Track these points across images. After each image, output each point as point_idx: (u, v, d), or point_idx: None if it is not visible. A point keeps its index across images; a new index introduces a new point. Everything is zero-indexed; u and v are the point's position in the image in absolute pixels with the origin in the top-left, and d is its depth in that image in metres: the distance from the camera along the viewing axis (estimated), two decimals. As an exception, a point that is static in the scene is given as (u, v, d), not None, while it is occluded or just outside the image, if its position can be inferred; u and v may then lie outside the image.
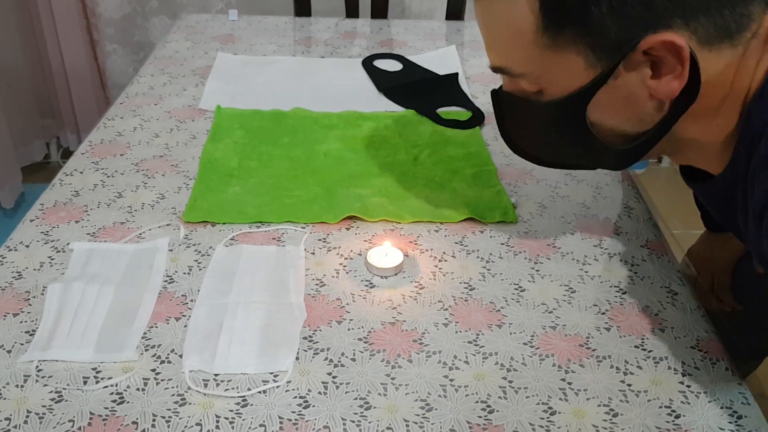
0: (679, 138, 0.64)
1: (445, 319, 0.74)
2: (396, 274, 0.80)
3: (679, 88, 0.59)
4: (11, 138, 2.12)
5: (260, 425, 0.61)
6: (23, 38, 2.20)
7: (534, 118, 0.69)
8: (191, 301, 0.75)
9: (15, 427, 0.60)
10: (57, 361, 0.66)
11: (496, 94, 0.73)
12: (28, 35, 2.21)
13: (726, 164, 0.63)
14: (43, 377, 0.65)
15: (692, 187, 0.73)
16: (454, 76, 1.29)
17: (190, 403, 0.63)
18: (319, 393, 0.64)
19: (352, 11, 1.70)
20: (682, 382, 0.67)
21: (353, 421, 0.62)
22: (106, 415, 0.61)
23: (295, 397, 0.64)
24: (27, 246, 0.82)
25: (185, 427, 0.61)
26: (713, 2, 0.56)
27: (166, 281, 0.77)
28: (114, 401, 0.63)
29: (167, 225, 0.86)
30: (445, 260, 0.83)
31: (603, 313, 0.75)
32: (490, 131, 1.10)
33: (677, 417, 0.63)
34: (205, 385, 0.65)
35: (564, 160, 0.76)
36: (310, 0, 1.70)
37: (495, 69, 0.68)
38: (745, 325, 1.00)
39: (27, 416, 0.61)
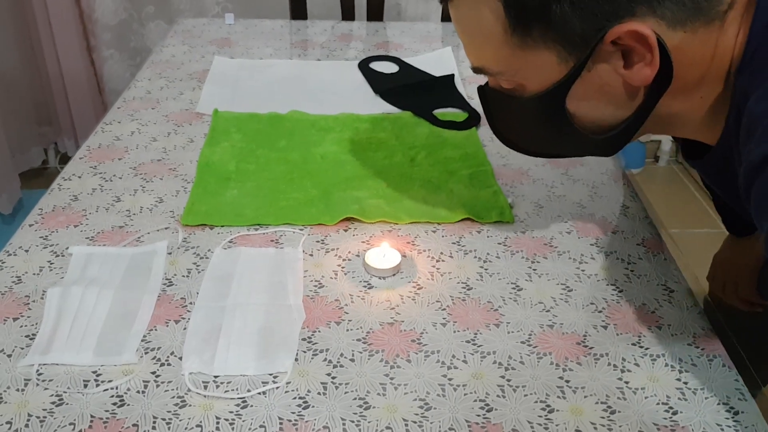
0: (665, 115, 0.65)
1: (443, 318, 0.74)
2: (394, 275, 0.80)
3: (652, 74, 0.60)
4: (9, 144, 2.13)
5: (260, 426, 0.61)
6: (20, 44, 2.20)
7: (518, 113, 0.70)
8: (190, 303, 0.75)
9: (16, 430, 0.60)
10: (57, 364, 0.67)
11: (482, 90, 0.75)
12: (25, 41, 2.21)
13: (719, 135, 0.64)
14: (43, 381, 0.65)
15: (692, 165, 0.74)
16: (450, 78, 1.29)
17: (190, 405, 0.63)
18: (319, 393, 0.65)
19: (347, 14, 1.70)
20: (679, 379, 0.67)
21: (353, 422, 0.62)
22: (107, 418, 0.62)
23: (295, 398, 0.64)
24: (26, 251, 0.82)
25: (186, 428, 0.61)
26: None
27: (165, 284, 0.78)
28: (114, 404, 0.63)
29: (166, 228, 0.87)
30: (443, 260, 0.83)
31: (600, 312, 0.76)
32: (487, 132, 1.11)
33: (675, 414, 0.64)
34: (205, 387, 0.65)
35: (555, 151, 0.78)
36: (306, 3, 1.70)
37: (475, 69, 0.70)
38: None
39: (28, 420, 0.61)
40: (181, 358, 0.68)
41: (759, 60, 0.58)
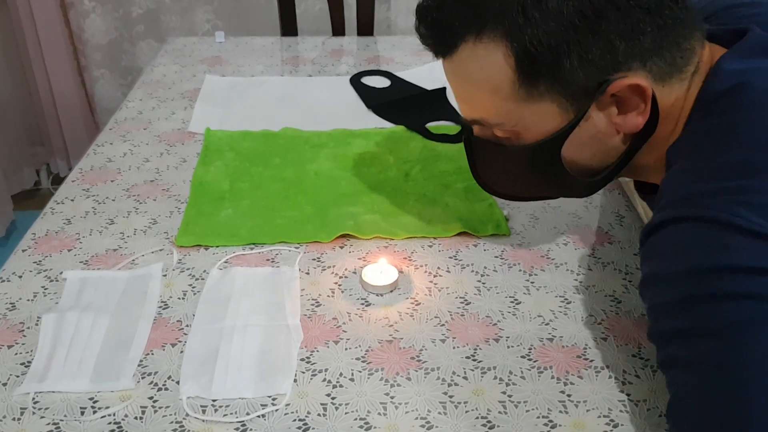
0: (635, 165, 0.70)
1: (442, 334, 0.74)
2: (391, 291, 0.80)
3: (643, 122, 0.64)
4: (1, 166, 2.12)
5: (260, 450, 0.61)
6: (10, 65, 2.20)
7: (507, 161, 0.73)
8: (187, 326, 0.74)
9: (12, 461, 0.59)
10: (53, 392, 0.66)
11: (468, 141, 0.77)
12: (15, 62, 2.21)
13: None
14: (39, 409, 0.64)
15: (645, 200, 0.80)
16: (442, 91, 1.29)
17: (188, 430, 0.62)
18: (319, 415, 0.64)
19: (338, 29, 1.71)
20: (680, 390, 0.67)
21: (354, 442, 0.61)
22: (105, 446, 0.61)
23: (295, 420, 0.64)
24: (20, 276, 0.81)
25: (185, 454, 0.60)
26: (664, 42, 0.62)
27: (160, 307, 0.77)
28: (112, 431, 0.62)
29: (160, 250, 0.86)
30: (440, 275, 0.83)
31: (599, 323, 0.75)
32: (480, 144, 1.10)
33: (677, 425, 0.63)
34: (204, 411, 0.64)
35: (536, 194, 0.81)
36: (296, 19, 1.70)
37: (470, 122, 0.72)
38: None
39: (24, 450, 0.60)
40: (178, 383, 0.67)
41: (686, 135, 0.63)
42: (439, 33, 0.67)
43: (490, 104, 0.67)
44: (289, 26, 1.70)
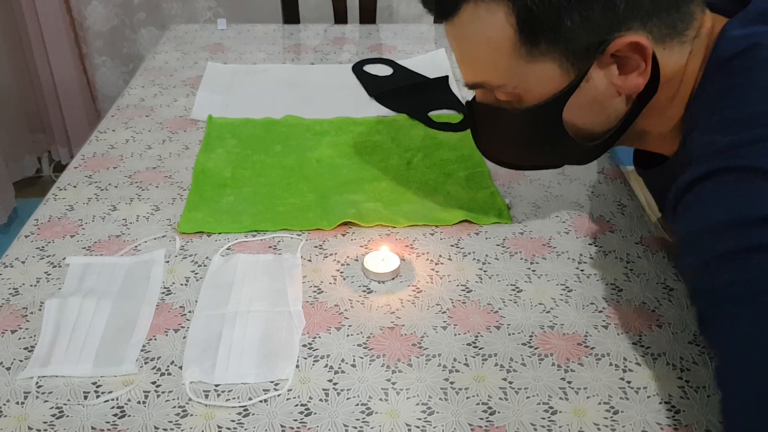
0: (637, 130, 0.70)
1: (444, 322, 0.74)
2: (393, 279, 0.80)
3: (644, 83, 0.65)
4: (2, 154, 2.12)
5: (262, 434, 0.61)
6: (11, 52, 2.19)
7: (510, 126, 0.73)
8: (189, 312, 0.75)
9: (16, 444, 0.60)
10: (57, 376, 0.66)
11: (470, 105, 0.77)
12: (17, 49, 2.21)
13: (674, 151, 0.69)
14: (43, 393, 0.65)
15: (641, 174, 0.80)
16: (445, 79, 1.29)
17: (191, 415, 0.63)
18: (321, 400, 0.64)
19: (340, 17, 1.70)
20: (680, 378, 0.67)
21: (355, 428, 0.62)
22: (108, 429, 0.61)
23: (297, 405, 0.64)
24: (23, 262, 0.82)
25: (187, 438, 0.61)
26: (663, 4, 0.62)
27: (163, 293, 0.77)
28: (115, 415, 0.63)
29: (163, 236, 0.86)
30: (442, 263, 0.83)
31: (600, 311, 0.76)
32: (482, 133, 1.10)
33: (677, 412, 0.64)
34: (206, 396, 0.65)
35: (538, 161, 0.81)
36: (299, 7, 1.70)
37: (471, 85, 0.72)
38: None
39: (28, 433, 0.61)
40: (181, 368, 0.68)
41: (706, 96, 0.64)
42: None
43: (491, 65, 0.67)
44: (291, 14, 1.69)
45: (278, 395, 0.65)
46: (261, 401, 0.64)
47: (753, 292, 0.52)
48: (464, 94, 1.25)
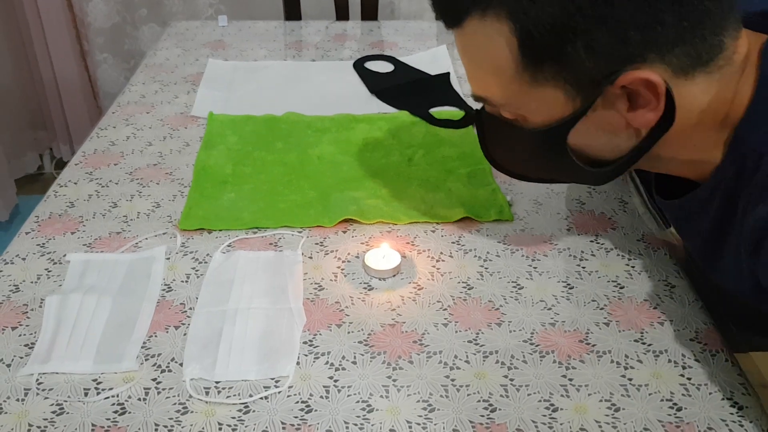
0: (656, 156, 0.66)
1: (445, 319, 0.74)
2: (394, 276, 0.80)
3: (655, 119, 0.61)
4: (4, 151, 2.12)
5: (263, 431, 0.61)
6: (13, 50, 2.19)
7: (516, 141, 0.70)
8: (190, 309, 0.74)
9: (17, 441, 0.60)
10: (57, 373, 0.66)
11: (479, 114, 0.74)
12: (18, 46, 2.20)
13: (706, 175, 0.64)
14: (43, 390, 0.65)
15: (664, 207, 0.75)
16: (446, 76, 1.29)
17: (192, 412, 0.63)
18: (321, 397, 0.64)
19: (341, 14, 1.70)
20: (682, 375, 0.67)
21: (356, 425, 0.62)
22: (108, 426, 0.61)
23: (297, 402, 0.64)
24: (23, 259, 0.81)
25: (188, 435, 0.61)
26: (686, 35, 0.57)
27: (164, 290, 0.77)
28: (116, 412, 0.63)
29: (163, 233, 0.86)
30: (443, 260, 0.83)
31: (602, 309, 0.75)
32: (484, 130, 1.10)
33: (679, 410, 0.63)
34: (207, 393, 0.65)
35: (547, 177, 0.78)
36: (300, 3, 1.70)
37: (476, 98, 0.69)
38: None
39: (29, 430, 0.61)
40: (181, 365, 0.67)
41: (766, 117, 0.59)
42: (447, 5, 0.65)
43: (494, 84, 0.65)
44: (292, 10, 1.69)
45: (279, 392, 0.65)
46: (261, 398, 0.64)
47: None
48: (465, 91, 1.24)
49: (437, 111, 1.16)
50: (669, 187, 0.72)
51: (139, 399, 0.64)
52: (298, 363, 0.68)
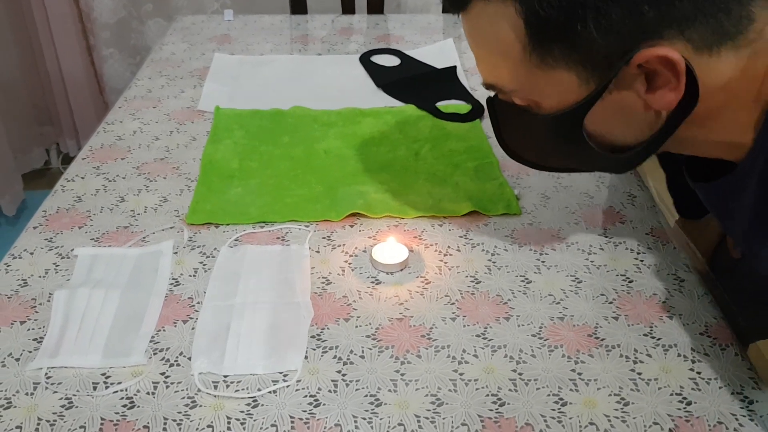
0: (684, 138, 0.62)
1: (453, 313, 0.74)
2: (401, 270, 0.80)
3: (676, 99, 0.57)
4: (10, 146, 2.12)
5: (272, 425, 0.61)
6: (19, 45, 2.19)
7: (531, 128, 0.67)
8: (198, 303, 0.74)
9: (26, 435, 0.60)
10: (66, 367, 0.66)
11: (491, 102, 0.72)
12: (24, 42, 2.21)
13: (742, 156, 0.60)
14: (52, 384, 0.65)
15: (697, 188, 0.69)
16: (453, 69, 1.28)
17: (200, 406, 0.63)
18: (330, 391, 0.64)
19: (348, 7, 1.69)
20: (692, 369, 0.67)
21: (364, 419, 0.62)
22: (117, 420, 0.61)
23: (306, 396, 0.64)
24: (31, 253, 0.82)
25: (197, 429, 0.61)
26: (707, 8, 0.54)
27: (171, 284, 0.77)
28: (124, 406, 0.63)
29: (171, 228, 0.86)
30: (450, 254, 0.82)
31: (610, 303, 0.75)
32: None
33: (689, 404, 0.63)
34: (215, 387, 0.65)
35: (566, 166, 0.74)
36: (306, -3, 1.69)
37: (486, 85, 0.67)
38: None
39: (38, 424, 0.61)
40: (190, 359, 0.67)
41: None
42: None
43: (503, 69, 0.62)
44: (298, 4, 1.68)
45: (287, 386, 0.65)
46: (270, 392, 0.64)
47: None
48: (472, 85, 1.24)
49: (444, 105, 1.16)
50: (702, 169, 0.68)
51: (148, 393, 0.64)
52: (306, 357, 0.68)
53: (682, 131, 0.60)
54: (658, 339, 0.70)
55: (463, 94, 1.20)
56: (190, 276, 0.78)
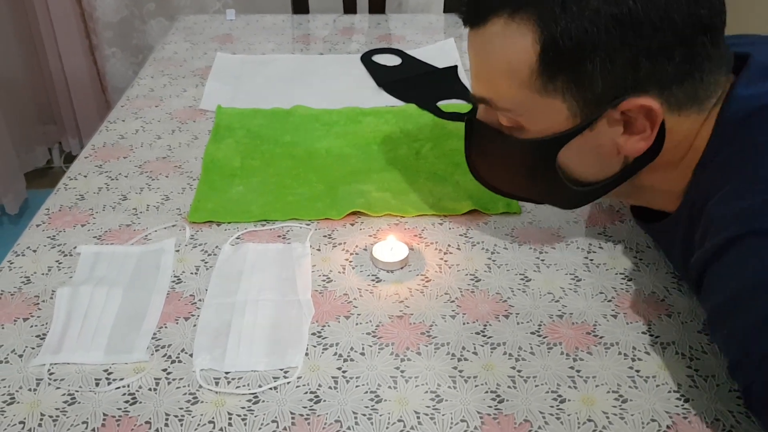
0: (637, 185, 0.69)
1: (452, 311, 0.74)
2: (402, 268, 0.80)
3: (646, 147, 0.64)
4: (13, 145, 2.13)
5: (272, 421, 0.62)
6: (22, 44, 2.20)
7: (504, 151, 0.72)
8: (199, 300, 0.75)
9: (29, 430, 0.60)
10: (68, 363, 0.67)
11: (470, 122, 0.76)
12: (27, 41, 2.21)
13: (675, 207, 0.69)
14: (55, 380, 0.65)
15: (646, 230, 0.80)
16: (454, 69, 1.29)
17: (202, 402, 0.63)
18: (330, 388, 0.65)
19: (349, 7, 1.70)
20: (689, 367, 0.67)
21: (364, 415, 0.62)
22: (120, 416, 0.62)
23: (306, 393, 0.64)
24: (34, 251, 0.82)
25: (198, 425, 0.61)
26: (687, 74, 0.61)
27: (173, 282, 0.78)
28: (127, 402, 0.63)
29: (173, 226, 0.87)
30: (451, 253, 0.83)
31: (609, 301, 0.75)
32: (491, 123, 1.10)
33: (686, 401, 0.64)
34: (217, 383, 0.65)
35: (524, 194, 0.79)
36: (307, -3, 1.70)
37: (478, 99, 0.70)
38: None
39: (41, 419, 0.62)
40: (191, 355, 0.68)
41: (719, 162, 0.62)
42: (476, 1, 0.66)
43: (504, 86, 0.65)
44: (299, 4, 1.69)
45: (288, 383, 0.65)
46: (271, 389, 0.65)
47: None
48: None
49: (445, 104, 1.16)
50: (643, 209, 0.77)
51: (150, 389, 0.65)
52: (306, 354, 0.68)
53: (641, 179, 0.68)
54: (657, 337, 0.71)
55: (464, 94, 1.21)
56: (192, 274, 0.79)
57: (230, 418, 0.62)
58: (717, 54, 0.62)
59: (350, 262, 0.81)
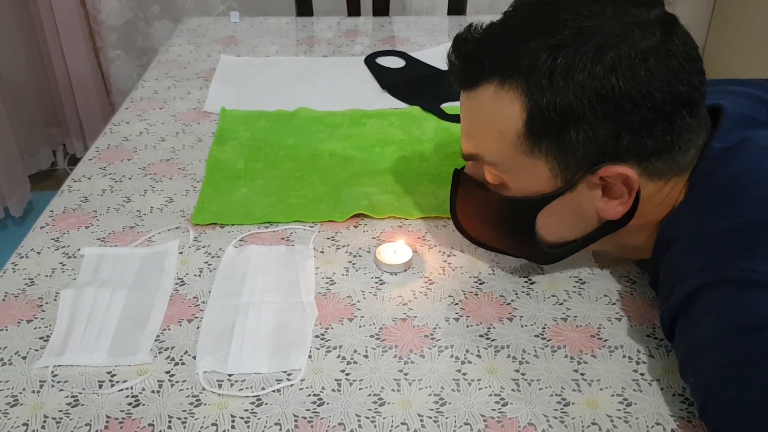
0: (612, 242, 0.72)
1: (456, 313, 0.74)
2: (405, 270, 0.80)
3: (623, 212, 0.67)
4: (18, 147, 2.14)
5: (275, 424, 0.61)
6: (27, 47, 2.21)
7: (487, 205, 0.74)
8: (203, 302, 0.75)
9: (33, 432, 0.61)
10: (72, 366, 0.67)
11: (457, 174, 0.79)
12: (32, 44, 2.22)
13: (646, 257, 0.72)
14: (58, 382, 0.65)
15: (638, 264, 0.81)
16: (457, 71, 1.28)
17: (205, 404, 0.63)
18: (333, 390, 0.65)
19: (353, 9, 1.70)
20: (695, 370, 0.67)
21: (368, 418, 0.62)
22: (123, 418, 0.62)
23: (309, 395, 0.64)
24: (38, 253, 0.82)
25: (201, 427, 0.61)
26: (667, 146, 0.64)
27: (177, 284, 0.78)
28: (130, 404, 0.63)
29: (176, 228, 0.87)
30: (454, 255, 0.83)
31: (613, 304, 0.75)
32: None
33: (691, 404, 0.63)
34: (220, 386, 0.65)
35: (500, 247, 0.80)
36: None
37: (467, 156, 0.73)
38: None
39: (44, 421, 0.61)
40: (195, 358, 0.68)
41: (680, 212, 0.66)
42: (469, 67, 0.69)
43: (493, 144, 0.68)
44: (304, 6, 1.69)
45: (291, 385, 0.65)
46: (274, 391, 0.65)
47: (757, 405, 0.52)
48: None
49: (449, 106, 1.16)
50: None
51: (153, 391, 0.65)
52: (310, 356, 0.68)
53: (621, 237, 0.71)
54: (661, 340, 0.70)
55: (468, 96, 1.21)
56: (196, 276, 0.79)
57: (233, 421, 0.62)
58: (696, 123, 0.65)
59: (353, 264, 0.81)
